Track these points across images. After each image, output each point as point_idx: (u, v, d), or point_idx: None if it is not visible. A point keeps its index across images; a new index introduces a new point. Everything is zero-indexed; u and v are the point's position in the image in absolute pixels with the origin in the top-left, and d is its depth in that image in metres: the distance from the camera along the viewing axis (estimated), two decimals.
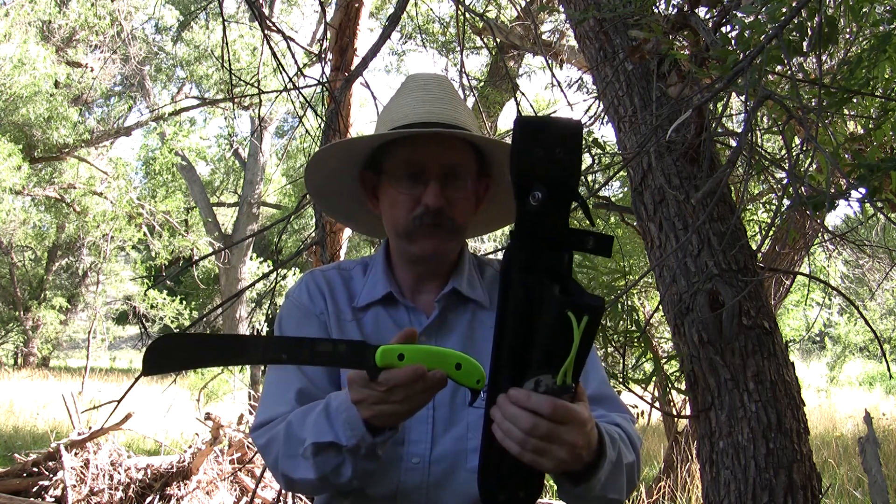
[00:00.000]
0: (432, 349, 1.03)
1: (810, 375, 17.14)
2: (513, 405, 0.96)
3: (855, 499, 5.68)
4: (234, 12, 13.12)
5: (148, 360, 1.00)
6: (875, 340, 10.51)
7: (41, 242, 19.02)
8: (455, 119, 1.28)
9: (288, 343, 1.05)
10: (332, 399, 1.12)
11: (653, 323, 4.97)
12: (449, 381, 1.02)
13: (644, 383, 2.58)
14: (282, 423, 1.18)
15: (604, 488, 1.09)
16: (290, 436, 1.15)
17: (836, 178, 1.75)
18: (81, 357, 21.98)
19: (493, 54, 7.31)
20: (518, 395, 0.97)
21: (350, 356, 1.02)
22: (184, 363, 1.03)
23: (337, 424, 1.08)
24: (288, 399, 1.23)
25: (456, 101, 1.32)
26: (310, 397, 1.22)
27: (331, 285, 1.35)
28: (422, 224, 1.25)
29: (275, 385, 1.27)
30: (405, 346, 1.01)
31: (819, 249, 6.24)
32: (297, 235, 17.49)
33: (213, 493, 5.67)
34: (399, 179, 1.26)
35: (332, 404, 1.10)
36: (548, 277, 0.97)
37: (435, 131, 1.24)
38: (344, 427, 1.07)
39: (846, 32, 2.45)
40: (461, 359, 1.02)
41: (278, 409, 1.22)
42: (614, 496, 1.13)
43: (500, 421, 0.98)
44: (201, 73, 14.48)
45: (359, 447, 1.07)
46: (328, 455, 1.10)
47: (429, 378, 1.00)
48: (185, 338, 1.04)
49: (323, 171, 1.39)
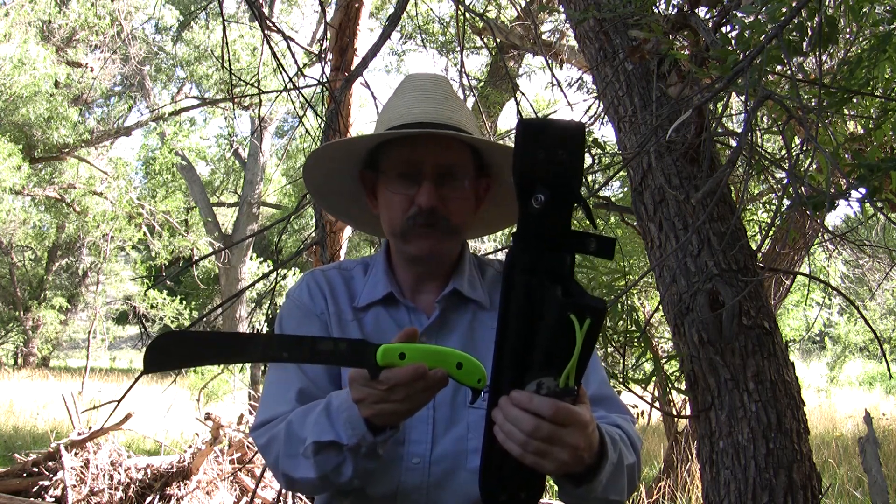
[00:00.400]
0: (433, 348, 1.02)
1: (810, 375, 17.14)
2: (514, 407, 0.96)
3: (855, 499, 5.68)
4: (234, 12, 13.12)
5: (149, 358, 1.00)
6: (875, 340, 10.51)
7: (41, 242, 19.02)
8: (451, 119, 1.28)
9: (289, 341, 1.05)
10: (333, 398, 1.12)
11: (653, 323, 4.97)
12: (450, 381, 1.02)
13: (644, 383, 2.58)
14: (282, 423, 1.18)
15: (605, 490, 1.09)
16: (291, 435, 1.15)
17: (836, 178, 1.75)
18: (81, 357, 21.98)
19: (493, 54, 7.31)
20: (520, 398, 0.96)
21: (351, 355, 1.02)
22: (184, 361, 1.03)
23: (338, 423, 1.08)
24: (288, 398, 1.23)
25: (453, 101, 1.32)
26: (310, 397, 1.22)
27: (331, 285, 1.35)
28: (415, 224, 1.25)
29: (275, 385, 1.27)
30: (406, 345, 1.01)
31: (819, 249, 6.24)
32: (297, 235, 17.49)
33: (213, 493, 5.67)
34: (394, 179, 1.26)
35: (333, 403, 1.10)
36: (549, 279, 0.97)
37: (427, 132, 1.23)
38: (345, 426, 1.07)
39: (846, 32, 2.45)
40: (462, 358, 1.02)
41: (279, 409, 1.22)
42: (615, 497, 1.13)
43: (502, 423, 0.98)
44: (201, 73, 14.48)
45: (359, 446, 1.07)
46: (329, 454, 1.09)
47: (430, 377, 1.00)
48: (186, 335, 1.04)
49: (322, 170, 1.39)
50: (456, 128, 1.27)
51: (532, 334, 0.97)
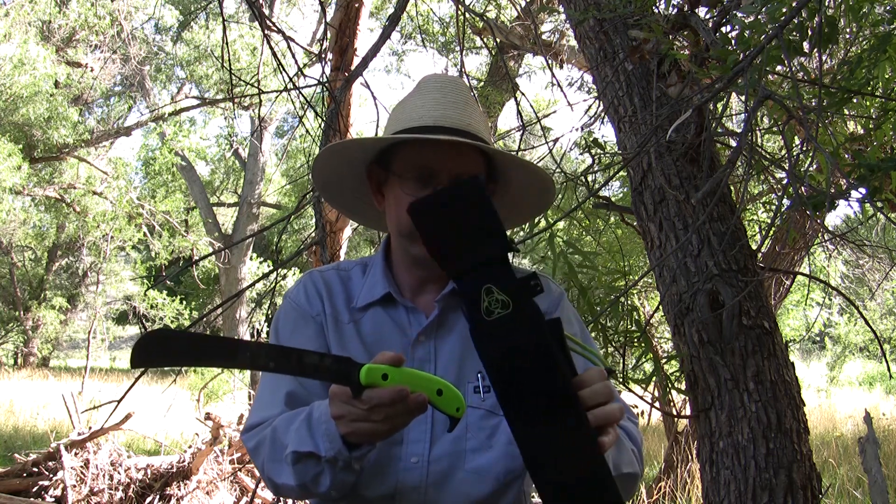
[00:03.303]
0: (417, 373, 1.03)
1: (810, 375, 17.13)
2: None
3: (855, 499, 5.68)
4: (234, 12, 13.12)
5: (135, 354, 1.00)
6: (875, 340, 10.51)
7: (41, 242, 19.02)
8: (469, 125, 1.27)
9: (276, 352, 1.05)
10: (315, 409, 1.13)
11: (653, 323, 4.97)
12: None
13: (644, 383, 2.58)
14: (269, 428, 1.19)
15: (615, 465, 1.11)
16: (275, 440, 1.16)
17: (836, 178, 1.75)
18: (81, 357, 21.98)
19: (493, 54, 7.31)
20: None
21: (335, 371, 1.02)
22: (171, 360, 1.03)
23: (317, 435, 1.09)
24: (277, 401, 1.24)
25: (471, 106, 1.31)
26: (299, 400, 1.23)
27: (329, 286, 1.34)
28: None
29: (267, 387, 1.29)
30: (390, 367, 1.01)
31: (819, 249, 6.24)
32: (297, 235, 17.49)
33: (213, 493, 5.67)
34: (407, 181, 1.25)
35: (314, 414, 1.11)
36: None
37: (450, 139, 1.22)
38: (323, 438, 1.08)
39: (846, 32, 2.45)
40: (443, 386, 1.03)
41: (268, 412, 1.23)
42: (629, 470, 1.17)
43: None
44: (201, 73, 14.48)
45: (336, 459, 1.08)
46: (308, 464, 1.11)
47: (411, 400, 1.00)
48: (177, 335, 1.04)
49: (332, 164, 1.38)
50: (474, 134, 1.26)
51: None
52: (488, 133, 1.33)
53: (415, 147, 1.26)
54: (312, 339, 1.29)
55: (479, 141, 1.25)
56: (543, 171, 1.33)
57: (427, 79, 1.34)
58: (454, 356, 1.27)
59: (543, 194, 1.37)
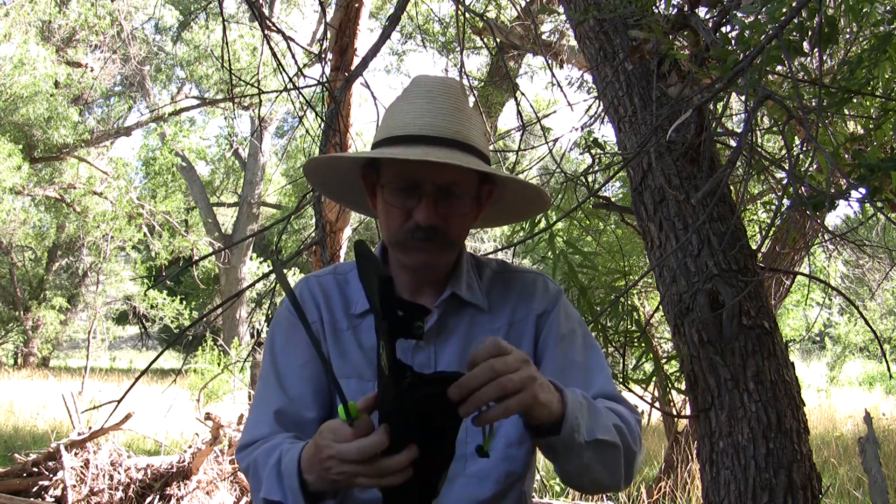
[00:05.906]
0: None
1: (810, 375, 17.14)
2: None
3: (855, 499, 5.68)
4: (234, 12, 13.13)
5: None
6: (875, 340, 10.51)
7: (41, 242, 19.02)
8: (457, 133, 1.23)
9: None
10: (284, 455, 1.13)
11: (653, 323, 4.97)
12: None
13: (644, 383, 2.58)
14: (253, 456, 1.21)
15: (589, 430, 1.08)
16: (256, 472, 1.19)
17: (836, 178, 1.75)
18: (81, 357, 21.98)
19: (493, 54, 7.31)
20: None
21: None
22: None
23: (285, 485, 1.11)
24: (266, 420, 1.25)
25: (460, 110, 1.27)
26: (288, 417, 1.24)
27: (326, 293, 1.33)
28: (413, 238, 1.23)
29: (256, 405, 1.29)
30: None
31: (819, 249, 6.24)
32: (297, 235, 17.50)
33: (213, 493, 5.67)
34: (393, 191, 1.24)
35: (283, 461, 1.12)
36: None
37: (424, 160, 1.18)
38: (289, 492, 1.10)
39: (846, 32, 2.45)
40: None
41: (258, 431, 1.24)
42: (604, 437, 1.11)
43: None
44: (201, 73, 14.49)
45: None
46: None
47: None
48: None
49: (322, 171, 1.38)
50: (462, 142, 1.23)
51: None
52: (481, 135, 1.30)
53: (398, 158, 1.23)
54: (305, 347, 1.28)
55: (466, 148, 1.23)
56: (531, 184, 1.33)
57: (417, 81, 1.31)
58: (454, 360, 1.27)
59: (539, 197, 1.37)
